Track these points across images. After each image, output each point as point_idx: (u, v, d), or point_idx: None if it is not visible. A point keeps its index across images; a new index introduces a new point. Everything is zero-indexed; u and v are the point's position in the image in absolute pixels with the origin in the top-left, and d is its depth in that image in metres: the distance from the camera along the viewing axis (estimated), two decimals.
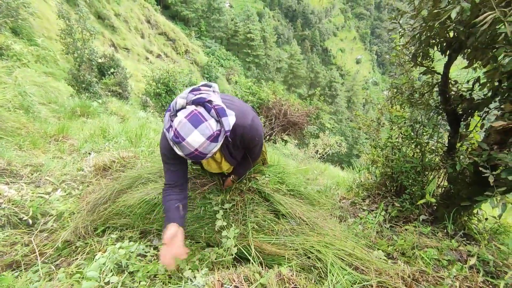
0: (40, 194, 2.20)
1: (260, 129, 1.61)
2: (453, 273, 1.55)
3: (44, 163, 2.78)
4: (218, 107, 1.23)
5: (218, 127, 1.23)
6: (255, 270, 1.04)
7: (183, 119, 1.18)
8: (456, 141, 2.66)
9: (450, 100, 2.63)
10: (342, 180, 5.55)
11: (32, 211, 1.86)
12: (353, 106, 62.88)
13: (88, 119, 7.17)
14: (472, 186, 2.35)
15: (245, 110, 1.53)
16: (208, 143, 1.20)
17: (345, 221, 2.66)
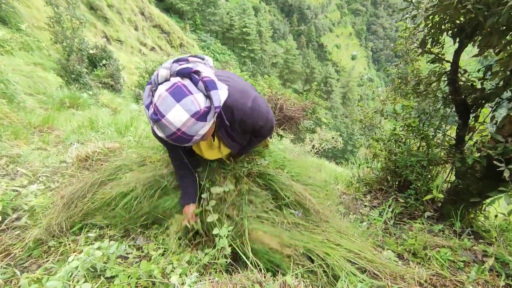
0: (15, 187, 2.00)
1: (263, 110, 1.35)
2: (472, 276, 1.40)
3: (22, 154, 2.56)
4: (207, 79, 1.01)
5: (207, 103, 1.00)
6: (254, 279, 0.86)
7: (164, 92, 0.97)
8: (465, 133, 2.51)
9: (460, 90, 2.47)
10: (340, 175, 5.41)
11: (2, 206, 1.66)
12: (348, 102, 62.94)
13: (78, 110, 6.90)
14: (483, 181, 2.21)
15: (244, 89, 1.27)
16: (194, 122, 0.97)
17: (347, 217, 2.51)
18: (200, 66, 1.06)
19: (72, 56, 8.19)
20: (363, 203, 2.92)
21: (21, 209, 1.78)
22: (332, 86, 59.14)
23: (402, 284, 1.18)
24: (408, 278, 1.28)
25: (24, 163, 2.46)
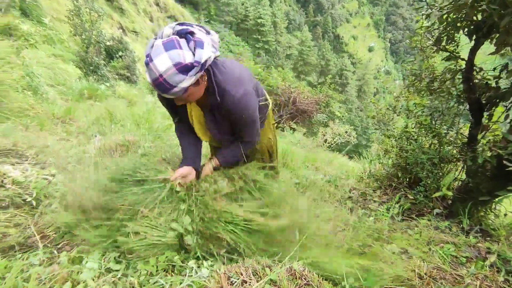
0: (45, 176, 2.16)
1: (251, 106, 1.37)
2: (472, 271, 1.46)
3: (49, 144, 2.74)
4: (197, 39, 1.12)
5: (190, 57, 1.10)
6: (264, 263, 0.96)
7: (160, 42, 1.11)
8: (477, 132, 2.52)
9: (474, 88, 2.47)
10: (352, 170, 5.44)
11: (36, 193, 1.82)
12: (363, 96, 61.77)
13: (96, 102, 7.14)
14: (494, 180, 2.23)
15: (241, 78, 1.34)
16: (174, 71, 1.07)
17: (355, 212, 2.58)
18: (196, 30, 1.16)
19: (91, 48, 8.42)
20: (373, 198, 2.97)
21: (52, 195, 1.94)
22: (347, 78, 58.08)
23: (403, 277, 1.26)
24: (408, 271, 1.36)
25: (51, 153, 2.63)
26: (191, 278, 0.96)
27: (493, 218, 2.60)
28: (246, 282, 0.89)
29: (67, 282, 1.00)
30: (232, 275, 0.92)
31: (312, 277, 0.93)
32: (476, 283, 1.38)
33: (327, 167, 5.62)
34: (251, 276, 0.91)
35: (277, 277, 0.89)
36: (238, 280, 0.90)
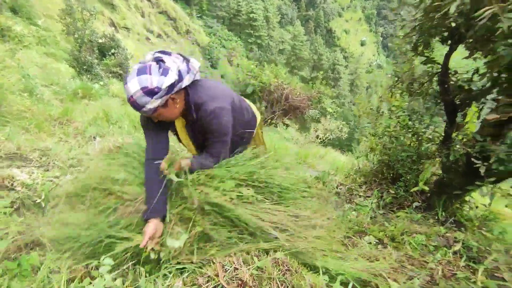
0: (50, 178, 2.31)
1: (223, 121, 1.46)
2: (437, 257, 1.67)
3: (51, 147, 2.87)
4: (165, 67, 1.27)
5: (156, 82, 1.24)
6: (253, 253, 1.14)
7: (135, 67, 1.30)
8: (452, 131, 2.72)
9: (449, 90, 2.66)
10: (342, 165, 5.65)
11: (44, 195, 1.97)
12: (356, 90, 62.14)
13: (90, 101, 7.19)
14: (465, 176, 2.44)
15: (216, 95, 1.47)
16: (141, 94, 1.22)
17: (341, 207, 2.77)
18: (169, 59, 1.32)
19: (84, 47, 8.45)
20: (358, 193, 3.17)
21: (58, 196, 2.08)
22: (340, 73, 58.36)
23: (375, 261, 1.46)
24: (380, 258, 1.55)
25: (54, 155, 2.76)
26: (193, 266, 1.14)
27: (468, 210, 2.83)
28: (237, 269, 1.07)
29: (86, 278, 1.17)
30: (225, 263, 1.10)
31: (292, 264, 1.11)
32: (439, 267, 1.59)
33: (319, 163, 5.82)
34: (242, 264, 1.09)
35: (263, 264, 1.07)
36: (231, 267, 1.08)
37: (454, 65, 2.82)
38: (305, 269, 1.17)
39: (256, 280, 1.02)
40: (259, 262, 1.08)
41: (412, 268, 1.58)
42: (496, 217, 2.77)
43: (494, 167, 2.10)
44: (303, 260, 1.23)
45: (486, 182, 2.26)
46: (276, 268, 1.08)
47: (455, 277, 1.55)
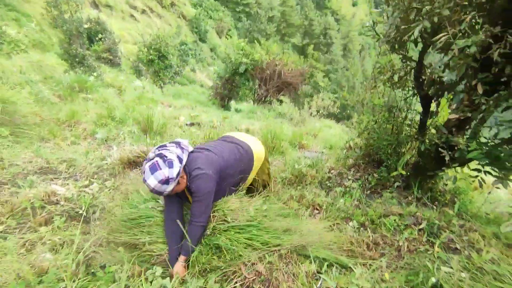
0: (82, 189, 2.69)
1: (200, 186, 1.80)
2: (405, 235, 2.12)
3: (75, 157, 3.22)
4: (169, 160, 1.72)
5: (168, 173, 1.68)
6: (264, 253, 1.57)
7: (147, 167, 1.71)
8: (426, 119, 3.11)
9: (423, 84, 3.01)
10: (334, 143, 6.08)
11: (85, 206, 2.37)
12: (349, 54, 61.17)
13: (88, 94, 7.38)
14: (435, 161, 2.86)
15: (206, 163, 1.88)
16: (160, 185, 1.67)
17: (333, 191, 3.21)
18: (169, 151, 1.78)
19: (73, 39, 8.44)
20: (348, 176, 3.61)
21: (94, 205, 2.49)
22: (332, 38, 57.13)
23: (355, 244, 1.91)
24: (360, 241, 2.00)
25: (78, 165, 3.13)
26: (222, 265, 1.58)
27: (442, 186, 3.30)
28: (254, 264, 1.50)
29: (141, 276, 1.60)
30: (245, 260, 1.53)
31: (292, 256, 1.55)
32: (406, 244, 2.05)
33: (313, 143, 6.22)
34: (257, 260, 1.52)
35: (272, 259, 1.50)
36: (249, 263, 1.51)
37: (429, 59, 3.15)
38: (302, 258, 1.61)
39: (268, 271, 1.45)
40: (270, 258, 1.52)
41: (385, 246, 2.04)
42: (465, 191, 3.26)
43: (456, 155, 2.52)
44: (300, 252, 1.67)
45: (450, 167, 2.70)
46: (282, 261, 1.51)
47: (417, 251, 2.01)
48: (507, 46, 1.84)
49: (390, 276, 1.79)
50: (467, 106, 2.36)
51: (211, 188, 1.85)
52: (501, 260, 1.74)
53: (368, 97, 3.64)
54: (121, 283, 1.45)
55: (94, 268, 1.81)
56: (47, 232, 2.12)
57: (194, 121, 6.58)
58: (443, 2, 1.89)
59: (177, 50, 13.34)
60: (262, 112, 10.64)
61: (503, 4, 1.95)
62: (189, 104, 10.09)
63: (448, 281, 1.59)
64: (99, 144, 4.00)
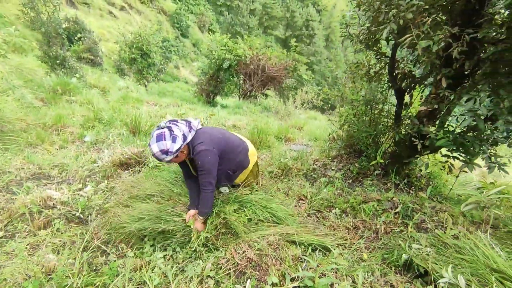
0: (76, 192, 2.78)
1: (204, 160, 2.02)
2: (382, 219, 2.34)
3: (66, 162, 3.29)
4: (174, 135, 1.90)
5: (169, 146, 1.87)
6: (253, 239, 1.74)
7: (155, 134, 1.91)
8: (401, 111, 3.33)
9: (397, 78, 3.22)
10: (319, 135, 6.29)
11: (81, 208, 2.47)
12: (331, 45, 61.63)
13: (71, 97, 7.32)
14: (410, 149, 3.09)
15: (204, 141, 2.06)
16: (160, 154, 1.88)
17: (317, 181, 3.41)
18: (177, 127, 1.95)
19: (52, 40, 8.28)
20: (331, 167, 3.81)
21: (90, 207, 2.59)
22: (314, 29, 57.36)
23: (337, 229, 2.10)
24: (341, 226, 2.20)
25: (70, 169, 3.20)
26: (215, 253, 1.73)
27: (418, 172, 3.55)
28: (245, 251, 1.66)
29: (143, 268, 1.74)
30: (237, 248, 1.69)
31: (280, 242, 1.72)
32: (382, 226, 2.26)
33: (298, 136, 6.42)
34: (248, 247, 1.68)
35: (262, 246, 1.67)
36: (241, 250, 1.67)
37: (401, 54, 3.36)
38: (288, 244, 1.79)
39: (258, 257, 1.62)
40: (259, 245, 1.68)
41: (364, 230, 2.25)
42: (439, 175, 3.52)
43: (427, 144, 2.75)
44: (287, 238, 1.85)
45: (422, 154, 2.94)
46: (270, 247, 1.68)
47: (393, 232, 2.23)
48: (465, 44, 2.05)
49: (368, 255, 2.00)
50: (434, 98, 2.57)
51: (213, 161, 2.09)
52: (464, 236, 1.97)
53: (348, 91, 3.83)
54: (125, 275, 1.58)
55: (97, 266, 1.94)
56: (47, 235, 2.22)
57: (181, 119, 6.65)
58: (407, 6, 2.07)
59: (159, 48, 13.18)
60: (248, 107, 10.77)
61: (461, 6, 2.16)
62: (175, 102, 10.10)
63: (417, 256, 1.81)
64: (88, 147, 4.04)
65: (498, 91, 2.09)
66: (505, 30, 2.11)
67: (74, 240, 2.23)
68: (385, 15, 2.26)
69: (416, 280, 1.74)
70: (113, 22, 27.56)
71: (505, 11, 2.19)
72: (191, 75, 29.63)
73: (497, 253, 1.69)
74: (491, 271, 1.55)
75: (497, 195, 2.07)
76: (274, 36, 58.06)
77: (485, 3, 2.15)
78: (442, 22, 2.16)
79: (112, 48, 21.91)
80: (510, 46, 2.06)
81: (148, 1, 38.68)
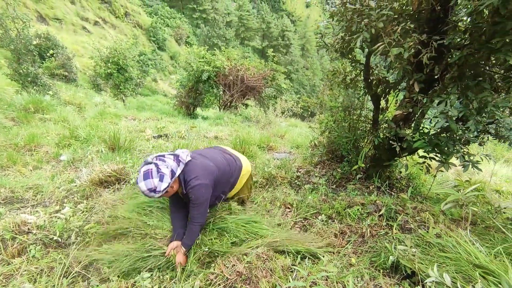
0: (53, 214, 2.65)
1: (197, 195, 1.98)
2: (367, 222, 2.38)
3: (41, 183, 3.14)
4: (161, 173, 1.85)
5: (156, 185, 1.82)
6: (242, 252, 1.71)
7: (142, 171, 1.86)
8: (378, 116, 3.44)
9: (372, 84, 3.33)
10: (301, 143, 6.36)
11: (58, 231, 2.35)
12: (307, 54, 63.22)
13: (45, 115, 7.05)
14: (389, 152, 3.19)
15: (202, 173, 2.03)
16: (148, 192, 1.82)
17: (302, 189, 3.43)
18: (163, 164, 1.89)
19: (23, 57, 7.99)
20: (315, 173, 3.85)
21: (68, 229, 2.47)
22: (290, 39, 58.75)
23: (325, 236, 2.12)
24: (328, 232, 2.21)
25: (45, 191, 3.05)
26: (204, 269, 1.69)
27: (398, 174, 3.65)
28: (234, 265, 1.63)
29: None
30: (225, 263, 1.66)
31: (269, 253, 1.70)
32: (368, 229, 2.30)
33: (281, 144, 6.46)
34: (236, 261, 1.65)
35: (251, 259, 1.65)
36: (230, 265, 1.64)
37: (375, 61, 3.49)
38: (277, 254, 1.78)
39: (248, 270, 1.60)
40: (248, 258, 1.66)
41: (351, 234, 2.28)
42: (418, 176, 3.64)
43: (404, 146, 2.84)
44: (276, 248, 1.84)
45: (401, 156, 3.04)
46: (259, 259, 1.66)
47: (379, 235, 2.27)
48: (433, 50, 2.16)
49: (356, 260, 2.02)
50: (409, 102, 2.68)
51: (207, 195, 2.06)
52: (445, 234, 2.03)
53: (326, 98, 3.92)
54: None
55: None
56: (22, 263, 2.09)
57: (161, 132, 6.54)
58: (378, 16, 2.17)
59: (136, 62, 13.02)
60: (229, 117, 10.76)
61: (427, 15, 2.28)
62: (154, 115, 9.93)
63: (403, 258, 1.84)
64: (65, 166, 3.88)
65: (467, 93, 2.20)
66: (468, 36, 2.25)
67: (53, 266, 2.11)
68: (357, 25, 2.35)
69: (404, 281, 1.76)
70: (87, 37, 27.03)
71: (467, 18, 2.34)
72: (170, 88, 29.37)
73: (477, 249, 1.75)
74: (474, 267, 1.61)
75: (473, 193, 2.16)
76: (251, 46, 58.93)
77: (449, 11, 2.28)
78: (411, 30, 2.27)
79: (87, 63, 21.40)
80: (474, 51, 2.19)
81: (122, 16, 38.32)
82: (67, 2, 29.85)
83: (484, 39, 2.10)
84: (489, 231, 2.20)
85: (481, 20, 2.07)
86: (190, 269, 1.83)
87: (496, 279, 1.49)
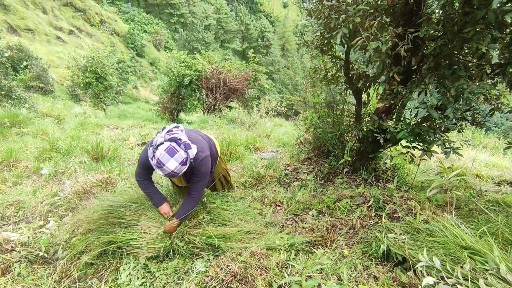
0: (37, 230, 2.55)
1: (205, 168, 2.00)
2: (357, 214, 2.42)
3: (22, 199, 3.02)
4: (185, 143, 1.82)
5: (185, 155, 1.79)
6: (236, 252, 1.70)
7: (163, 151, 1.75)
8: (360, 110, 3.51)
9: (352, 79, 3.40)
10: (287, 141, 6.40)
11: (44, 247, 2.26)
12: (287, 54, 63.77)
13: (22, 129, 6.80)
14: (373, 144, 3.26)
15: (203, 147, 2.03)
16: (180, 166, 1.76)
17: (291, 186, 3.45)
18: (180, 135, 1.86)
19: None
20: (302, 170, 3.89)
21: (54, 244, 2.39)
22: (269, 40, 59.13)
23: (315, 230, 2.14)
24: (320, 226, 2.24)
25: (27, 206, 2.94)
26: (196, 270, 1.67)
27: (383, 165, 3.72)
28: (229, 265, 1.62)
29: None
30: (220, 264, 1.65)
31: (263, 252, 1.70)
32: (358, 221, 2.34)
33: (267, 144, 6.48)
34: (231, 261, 1.64)
35: (245, 258, 1.64)
36: (224, 265, 1.63)
37: (354, 57, 3.56)
38: (271, 252, 1.78)
39: (243, 269, 1.59)
40: (242, 257, 1.65)
41: (342, 227, 2.31)
42: (402, 166, 3.73)
43: (388, 137, 2.91)
44: (267, 245, 1.84)
45: (386, 148, 3.11)
46: (253, 258, 1.66)
47: (369, 225, 2.31)
48: (409, 42, 2.23)
49: (349, 251, 2.05)
50: (389, 94, 2.75)
51: (210, 168, 2.06)
52: (432, 219, 2.09)
53: (309, 96, 3.97)
54: None
55: None
56: (6, 282, 2.00)
57: (146, 140, 6.43)
58: (354, 11, 2.21)
59: (115, 69, 12.75)
60: (213, 120, 10.71)
61: (401, 8, 2.35)
62: (137, 123, 9.76)
63: (394, 245, 1.88)
64: (47, 180, 3.76)
65: (444, 82, 2.28)
66: (441, 28, 2.33)
67: (39, 283, 2.03)
68: (335, 21, 2.39)
69: (396, 268, 1.80)
70: (62, 47, 26.27)
71: (440, 10, 2.42)
72: (152, 95, 28.94)
73: (463, 231, 1.81)
74: (461, 248, 1.66)
75: (456, 178, 2.24)
76: (231, 49, 58.94)
77: (421, 4, 2.35)
78: (387, 24, 2.32)
79: (63, 74, 20.80)
80: (447, 41, 2.27)
81: (98, 24, 37.51)
82: (39, 12, 28.95)
83: (456, 30, 2.18)
84: (473, 213, 2.28)
85: (452, 11, 2.15)
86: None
87: (483, 258, 1.55)
